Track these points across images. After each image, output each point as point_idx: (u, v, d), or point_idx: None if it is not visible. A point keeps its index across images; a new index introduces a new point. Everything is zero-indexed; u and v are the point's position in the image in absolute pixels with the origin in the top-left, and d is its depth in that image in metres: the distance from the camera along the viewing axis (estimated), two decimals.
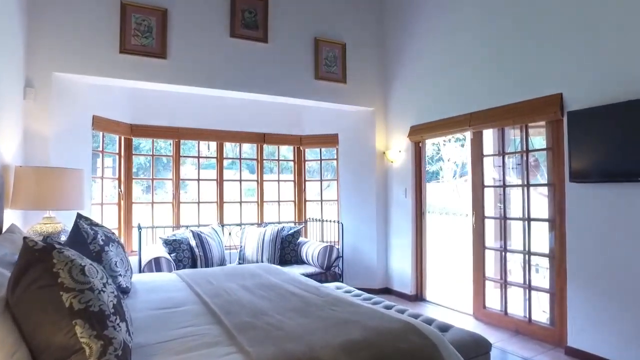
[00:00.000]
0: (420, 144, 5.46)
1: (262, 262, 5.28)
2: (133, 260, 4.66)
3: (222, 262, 5.21)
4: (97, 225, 2.90)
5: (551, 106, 3.69)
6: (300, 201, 6.40)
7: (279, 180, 6.39)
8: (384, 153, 5.88)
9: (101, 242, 2.65)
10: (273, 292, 2.71)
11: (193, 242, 4.96)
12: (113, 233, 2.98)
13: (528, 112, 3.91)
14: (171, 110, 5.51)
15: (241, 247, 5.46)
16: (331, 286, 3.58)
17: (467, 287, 5.87)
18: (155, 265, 4.19)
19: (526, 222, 4.09)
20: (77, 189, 3.31)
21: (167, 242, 4.83)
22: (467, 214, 7.18)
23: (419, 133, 5.33)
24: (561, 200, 3.72)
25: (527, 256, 4.12)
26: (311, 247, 5.29)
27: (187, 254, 4.89)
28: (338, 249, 5.23)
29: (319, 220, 6.10)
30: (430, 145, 18.78)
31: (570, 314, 3.59)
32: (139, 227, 4.78)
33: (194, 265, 4.93)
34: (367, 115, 5.93)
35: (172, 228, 5.48)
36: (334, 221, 5.74)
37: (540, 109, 3.79)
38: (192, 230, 5.03)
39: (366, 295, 3.39)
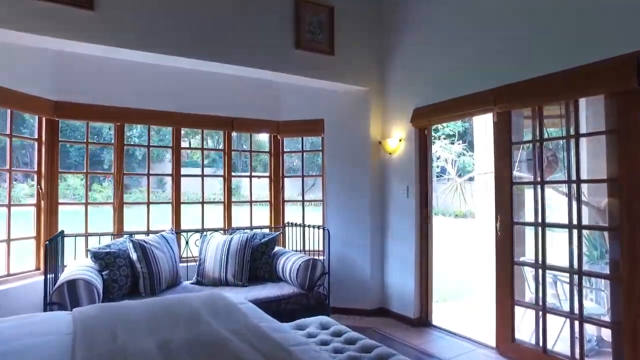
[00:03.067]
0: (426, 131, 4.38)
1: (225, 279, 4.13)
2: (37, 285, 3.50)
3: (174, 281, 4.05)
4: None
5: (621, 71, 2.64)
6: (277, 202, 5.26)
7: (250, 176, 5.24)
8: (381, 143, 4.79)
9: None
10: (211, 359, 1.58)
11: (134, 255, 3.79)
12: None
13: (582, 82, 2.86)
14: (111, 85, 4.30)
15: (200, 260, 4.30)
16: (314, 328, 2.47)
17: (486, 310, 4.85)
18: (69, 292, 3.00)
19: (574, 230, 3.04)
20: None
21: (98, 256, 3.64)
22: (472, 213, 6.28)
23: (425, 117, 4.24)
24: (630, 200, 2.68)
25: (575, 276, 3.07)
26: (290, 261, 4.16)
27: (126, 272, 3.71)
28: (323, 263, 4.11)
29: (300, 225, 4.96)
30: None
31: None
32: (57, 237, 3.58)
33: (134, 286, 3.76)
34: (360, 96, 4.82)
35: (112, 236, 4.28)
36: (318, 227, 4.60)
37: (605, 75, 2.74)
38: (132, 240, 3.85)
39: (365, 341, 2.28)
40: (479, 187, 5.78)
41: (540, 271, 3.28)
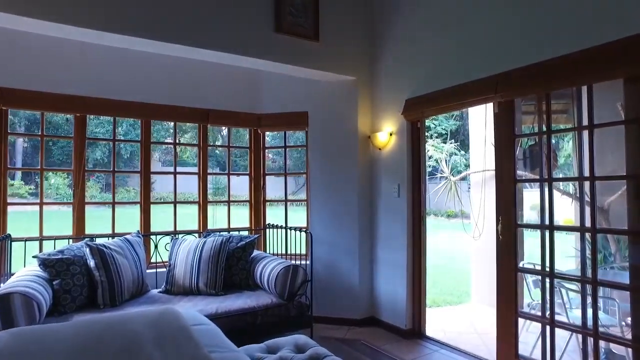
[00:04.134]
0: (419, 124, 4.00)
1: (196, 287, 3.70)
2: None
3: (139, 290, 3.62)
4: None
5: None
6: (257, 202, 4.84)
7: (229, 174, 4.81)
8: (370, 137, 4.40)
9: None
10: None
11: (92, 262, 3.35)
12: None
13: (598, 65, 2.49)
14: (68, 71, 3.85)
15: (170, 266, 3.87)
16: (288, 352, 2.06)
17: (484, 318, 4.49)
18: (2, 309, 2.55)
19: (587, 234, 2.66)
20: None
21: (47, 263, 3.19)
22: (466, 213, 5.95)
23: (418, 108, 3.86)
24: None
25: (589, 286, 2.70)
26: (268, 267, 3.74)
27: (81, 281, 3.27)
28: (305, 270, 3.70)
29: (280, 227, 4.53)
30: None
31: None
32: (1, 241, 3.13)
33: (91, 297, 3.32)
34: (347, 87, 4.43)
35: (70, 239, 3.83)
36: (301, 230, 4.17)
37: (625, 56, 2.37)
38: (90, 244, 3.41)
39: None
40: (474, 186, 5.42)
41: (547, 280, 2.90)
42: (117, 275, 3.40)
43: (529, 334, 3.70)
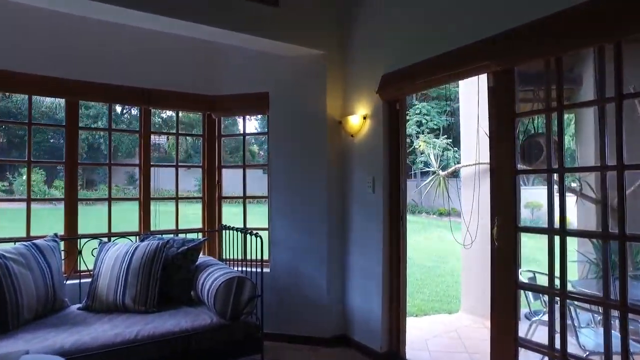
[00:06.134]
0: (398, 105, 3.30)
1: (122, 303, 2.99)
2: None
3: (51, 307, 2.93)
4: None
5: None
6: (211, 199, 4.12)
7: (177, 166, 4.08)
8: (341, 123, 3.71)
9: None
10: None
11: None
12: None
13: (628, 15, 1.82)
14: None
15: (93, 277, 3.15)
16: None
17: (477, 336, 3.82)
18: None
19: (613, 242, 1.99)
20: None
21: None
22: (457, 212, 5.29)
23: (396, 84, 3.17)
24: None
25: (615, 311, 2.03)
26: (210, 278, 3.03)
27: None
28: (254, 283, 2.98)
29: (235, 229, 3.78)
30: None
31: None
32: None
33: None
34: (315, 63, 3.73)
35: None
36: (252, 233, 3.40)
37: None
38: None
39: None
40: (465, 182, 4.76)
41: (558, 300, 2.22)
42: (12, 291, 2.67)
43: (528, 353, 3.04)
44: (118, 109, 16.51)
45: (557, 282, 2.19)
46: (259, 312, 3.10)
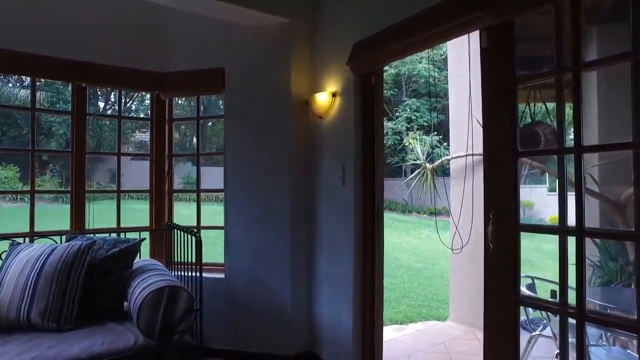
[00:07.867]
0: (373, 79, 2.75)
1: (26, 320, 2.40)
2: None
3: None
4: None
5: None
6: (160, 193, 3.54)
7: (118, 154, 3.50)
8: (308, 103, 3.15)
9: None
10: None
11: None
12: None
13: None
14: None
15: None
16: None
17: (468, 351, 3.30)
18: None
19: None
20: None
21: None
22: (447, 210, 4.76)
23: (369, 53, 2.62)
24: None
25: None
26: (139, 288, 2.46)
27: None
28: (190, 294, 2.41)
29: (182, 228, 3.18)
30: (389, 132, 15.70)
31: None
32: None
33: None
34: (278, 33, 3.17)
35: None
36: (191, 232, 2.81)
37: None
38: None
39: None
40: (454, 176, 4.24)
41: (575, 325, 1.67)
42: None
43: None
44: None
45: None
46: (198, 329, 2.53)
